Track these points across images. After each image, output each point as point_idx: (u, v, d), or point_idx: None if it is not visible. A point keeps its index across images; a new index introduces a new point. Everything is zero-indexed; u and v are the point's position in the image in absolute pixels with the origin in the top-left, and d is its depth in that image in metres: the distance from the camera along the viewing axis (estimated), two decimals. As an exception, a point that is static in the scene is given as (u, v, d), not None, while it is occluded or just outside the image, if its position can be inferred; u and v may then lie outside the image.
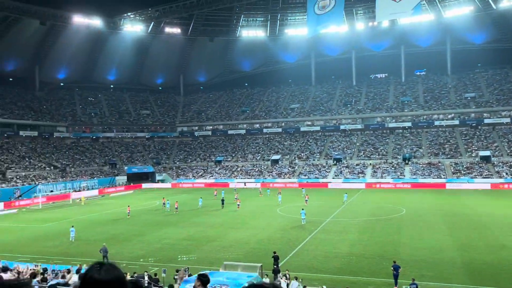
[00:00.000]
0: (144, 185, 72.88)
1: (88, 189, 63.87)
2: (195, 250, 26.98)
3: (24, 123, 74.74)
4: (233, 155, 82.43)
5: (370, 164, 69.97)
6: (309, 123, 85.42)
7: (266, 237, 30.37)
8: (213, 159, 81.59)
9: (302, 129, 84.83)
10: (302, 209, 35.82)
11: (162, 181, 75.78)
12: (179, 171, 79.19)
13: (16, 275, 13.58)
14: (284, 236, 30.54)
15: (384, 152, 73.10)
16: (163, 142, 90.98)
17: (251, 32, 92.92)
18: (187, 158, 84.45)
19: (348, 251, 25.61)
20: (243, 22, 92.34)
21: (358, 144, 77.65)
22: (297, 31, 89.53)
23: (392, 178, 64.18)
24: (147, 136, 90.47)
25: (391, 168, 67.39)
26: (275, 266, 21.08)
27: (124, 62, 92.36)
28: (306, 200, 45.93)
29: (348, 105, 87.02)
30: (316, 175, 69.52)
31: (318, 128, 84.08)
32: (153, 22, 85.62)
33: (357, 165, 70.65)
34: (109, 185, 69.47)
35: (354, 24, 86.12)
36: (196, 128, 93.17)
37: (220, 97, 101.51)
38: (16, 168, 62.83)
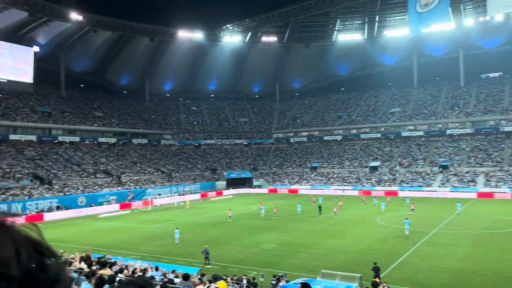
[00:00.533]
0: (242, 190, 75.07)
1: (191, 193, 67.68)
2: (291, 256, 26.91)
3: (136, 131, 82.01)
4: (329, 161, 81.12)
5: (482, 172, 63.61)
6: (411, 127, 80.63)
7: (365, 246, 29.17)
8: (308, 166, 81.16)
9: (403, 134, 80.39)
10: (406, 219, 33.75)
11: (259, 186, 77.38)
12: (275, 177, 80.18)
13: (131, 272, 14.75)
14: (384, 246, 29.05)
15: (499, 159, 65.98)
16: (259, 148, 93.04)
17: (348, 36, 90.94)
18: (282, 164, 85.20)
19: (458, 266, 23.44)
20: (339, 26, 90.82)
21: (467, 150, 71.19)
22: (396, 32, 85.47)
23: (509, 187, 57.55)
24: (244, 143, 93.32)
25: (507, 177, 60.53)
26: (375, 278, 20.07)
27: (223, 72, 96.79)
28: (412, 209, 43.36)
29: (456, 108, 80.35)
30: (420, 183, 65.22)
31: (421, 133, 78.94)
32: (250, 32, 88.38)
33: (466, 172, 64.76)
34: (210, 190, 72.89)
35: (462, 20, 79.42)
36: (292, 134, 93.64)
37: (316, 103, 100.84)
38: (129, 172, 69.03)
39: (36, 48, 73.28)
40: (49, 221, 46.05)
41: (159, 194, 63.61)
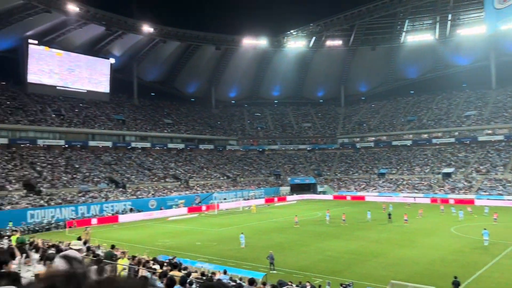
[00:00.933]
0: (306, 196, 74.34)
1: (255, 198, 68.27)
2: (358, 265, 26.05)
3: (203, 137, 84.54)
4: (398, 167, 77.83)
5: None
6: (489, 131, 75.02)
7: (438, 258, 27.47)
8: (375, 172, 78.48)
9: (480, 138, 75.03)
10: (485, 229, 31.35)
11: (324, 192, 76.19)
12: (340, 183, 78.47)
13: (200, 275, 15.10)
14: (460, 258, 27.16)
15: None
16: (324, 154, 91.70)
17: (417, 37, 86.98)
18: (348, 170, 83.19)
19: (547, 284, 21.26)
20: (408, 27, 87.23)
21: (555, 155, 64.80)
22: (471, 30, 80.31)
23: None
24: (308, 148, 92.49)
25: None
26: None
27: (287, 77, 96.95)
28: (495, 219, 40.32)
29: (541, 110, 73.57)
30: (499, 191, 60.40)
31: (501, 137, 73.14)
32: (314, 37, 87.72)
33: (554, 180, 58.92)
34: (274, 195, 73.03)
35: (547, 14, 72.69)
36: (358, 139, 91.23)
37: (383, 107, 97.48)
38: (196, 177, 71.22)
39: (112, 60, 78.55)
40: (123, 223, 48.75)
41: (225, 199, 64.86)
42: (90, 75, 76.08)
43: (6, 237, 22.19)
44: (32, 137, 60.32)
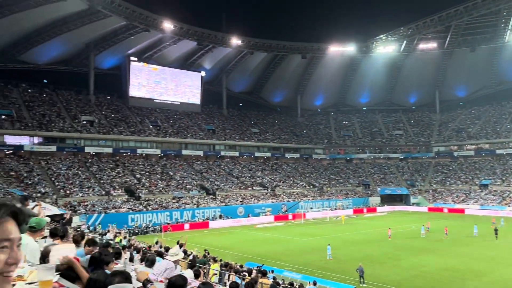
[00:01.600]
0: (398, 207, 70.63)
1: (343, 208, 66.54)
2: (457, 283, 23.93)
3: (289, 146, 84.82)
4: (504, 178, 70.58)
5: None
6: None
7: (557, 281, 24.17)
8: (477, 183, 71.98)
9: None
10: None
11: (417, 204, 71.73)
12: (436, 194, 73.26)
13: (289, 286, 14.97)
14: None
15: None
16: (417, 163, 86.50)
17: (524, 34, 78.57)
18: (445, 180, 77.40)
19: None
20: (513, 23, 79.19)
21: None
22: None
23: None
24: (400, 157, 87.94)
25: None
26: None
27: (375, 83, 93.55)
28: None
29: None
30: None
31: None
32: (405, 41, 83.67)
33: None
34: (363, 206, 70.54)
35: None
36: (455, 147, 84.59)
37: (485, 112, 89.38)
38: (282, 186, 71.53)
39: (203, 73, 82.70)
40: (213, 229, 50.55)
41: (311, 208, 64.17)
42: (183, 88, 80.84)
43: (110, 238, 24.12)
44: (132, 146, 65.45)
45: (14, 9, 52.31)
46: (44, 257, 3.69)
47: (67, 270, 2.73)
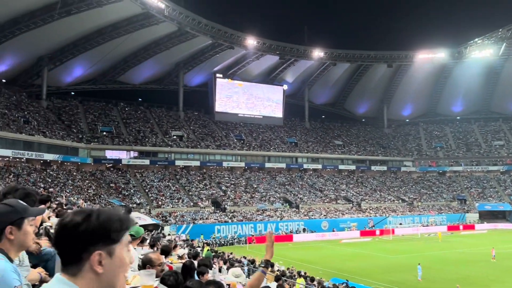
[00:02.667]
0: (501, 225, 64.17)
1: (435, 225, 62.17)
2: None
3: (375, 158, 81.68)
4: None
5: None
6: None
7: None
8: None
9: None
10: None
11: (524, 222, 64.57)
12: (547, 211, 65.33)
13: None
14: None
15: None
16: (522, 176, 78.04)
17: None
18: (557, 196, 68.82)
19: None
20: None
21: None
22: None
23: None
24: (501, 170, 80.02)
25: None
26: None
27: (470, 90, 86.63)
28: None
29: None
30: None
31: None
32: (504, 43, 76.72)
33: None
34: (459, 222, 65.22)
35: None
36: None
37: None
38: (369, 200, 68.93)
39: (285, 87, 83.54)
40: (297, 242, 50.15)
41: (400, 224, 60.91)
42: (266, 102, 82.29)
43: (199, 248, 25.05)
44: (218, 160, 67.80)
45: (113, 35, 57.60)
46: (145, 264, 3.87)
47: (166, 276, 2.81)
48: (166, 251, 6.21)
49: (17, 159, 47.96)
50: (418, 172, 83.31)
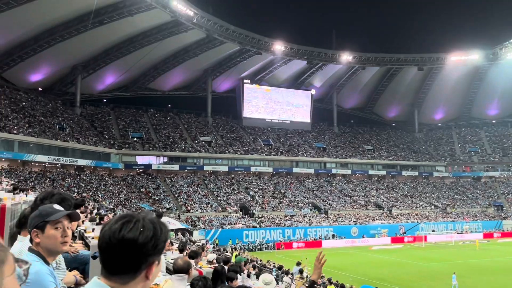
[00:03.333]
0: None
1: (471, 232, 60.08)
2: None
3: (406, 163, 79.84)
4: None
5: None
6: None
7: None
8: None
9: None
10: None
11: None
12: None
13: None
14: None
15: None
16: None
17: None
18: None
19: None
20: None
21: None
22: None
23: None
24: (540, 175, 76.73)
25: None
26: None
27: (507, 93, 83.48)
28: None
29: None
30: None
31: None
32: (542, 43, 73.78)
33: None
34: (495, 229, 62.78)
35: None
36: None
37: None
38: (400, 206, 67.38)
39: (313, 91, 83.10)
40: (326, 248, 49.30)
41: (433, 230, 59.19)
42: (294, 107, 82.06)
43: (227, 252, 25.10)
44: (246, 165, 67.96)
45: (144, 43, 58.95)
46: (176, 270, 3.89)
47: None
48: (195, 256, 6.23)
49: (53, 165, 49.66)
50: (451, 178, 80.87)
